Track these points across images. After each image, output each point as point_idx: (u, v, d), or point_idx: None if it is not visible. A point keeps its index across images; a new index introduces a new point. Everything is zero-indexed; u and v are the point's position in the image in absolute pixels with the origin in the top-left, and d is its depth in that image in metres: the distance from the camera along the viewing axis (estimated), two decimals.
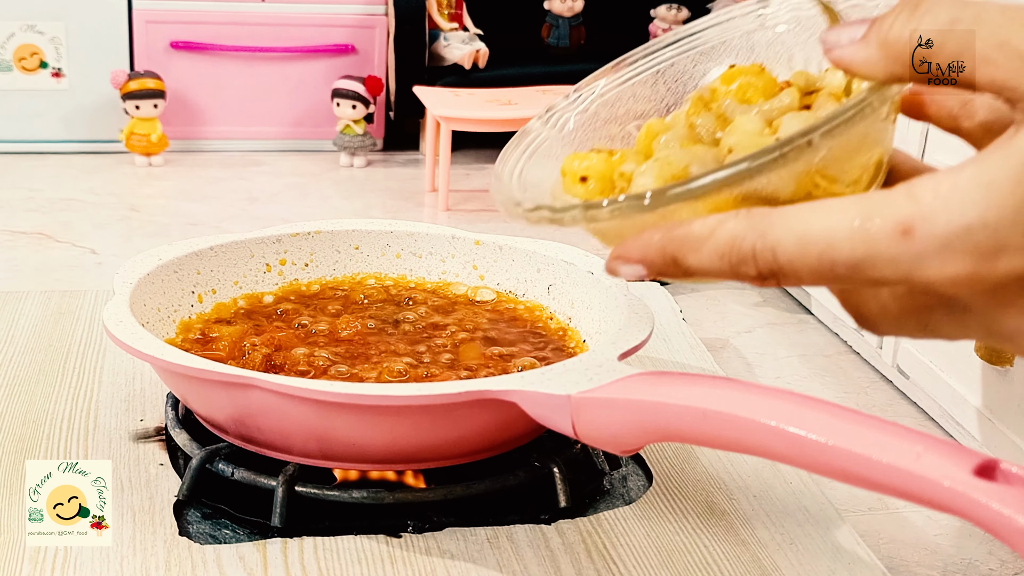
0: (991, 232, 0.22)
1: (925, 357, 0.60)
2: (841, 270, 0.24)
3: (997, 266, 0.23)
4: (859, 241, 0.24)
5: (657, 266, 0.28)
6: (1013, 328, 0.24)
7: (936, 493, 0.26)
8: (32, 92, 1.28)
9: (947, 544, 0.49)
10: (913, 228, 0.23)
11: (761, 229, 0.25)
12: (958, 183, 0.23)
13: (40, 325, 0.59)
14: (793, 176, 0.27)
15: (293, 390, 0.39)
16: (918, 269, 0.23)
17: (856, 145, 0.28)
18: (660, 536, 0.42)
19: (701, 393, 0.33)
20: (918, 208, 0.23)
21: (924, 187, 0.23)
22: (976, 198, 0.22)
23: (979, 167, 0.23)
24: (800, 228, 0.24)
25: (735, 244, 0.25)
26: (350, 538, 0.41)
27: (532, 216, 0.32)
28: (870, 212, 0.24)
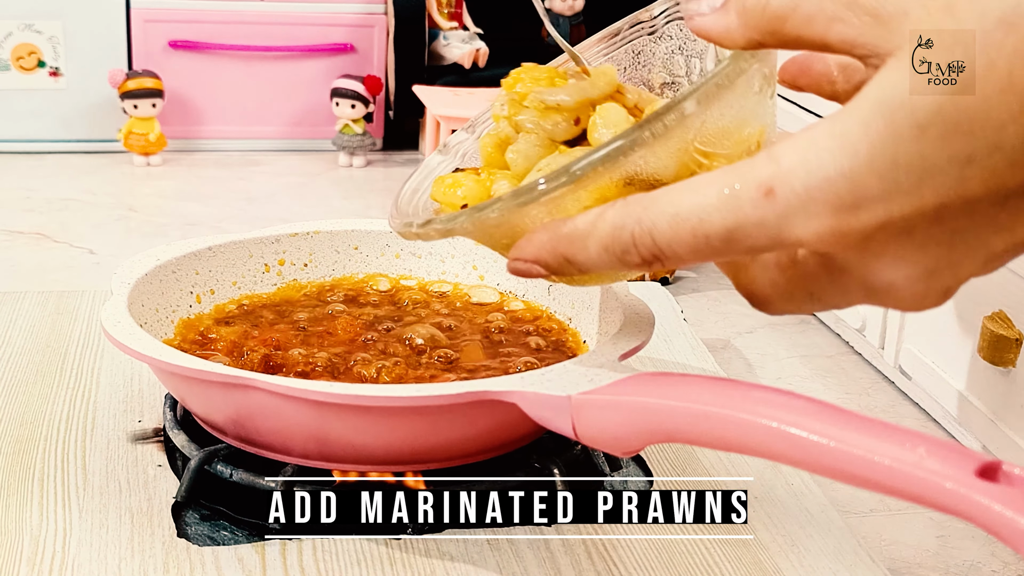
0: (848, 181, 0.22)
1: (927, 358, 0.60)
2: (716, 243, 0.24)
3: (860, 216, 0.23)
4: (727, 210, 0.24)
5: (552, 266, 0.28)
6: (888, 281, 0.24)
7: (938, 494, 0.26)
8: (29, 91, 1.27)
9: (949, 546, 0.49)
10: (774, 188, 0.23)
11: (636, 215, 0.25)
12: (814, 138, 0.23)
13: (37, 325, 0.59)
14: (672, 153, 0.27)
15: (292, 391, 0.39)
16: (786, 229, 0.23)
17: (731, 118, 0.28)
18: (661, 539, 0.42)
19: (702, 394, 0.33)
20: (777, 167, 0.23)
21: (783, 147, 0.23)
22: (831, 148, 0.22)
23: (832, 120, 0.23)
24: (672, 208, 0.25)
25: (615, 234, 0.26)
26: (349, 539, 0.40)
27: (423, 231, 0.32)
28: (734, 180, 0.24)
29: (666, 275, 0.83)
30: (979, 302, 0.55)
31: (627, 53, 0.37)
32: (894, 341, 0.64)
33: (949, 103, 0.21)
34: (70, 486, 0.43)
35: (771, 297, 0.28)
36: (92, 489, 0.43)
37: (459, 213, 0.30)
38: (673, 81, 0.36)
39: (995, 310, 0.53)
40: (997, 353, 0.51)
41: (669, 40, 0.35)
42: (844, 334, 0.73)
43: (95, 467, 0.45)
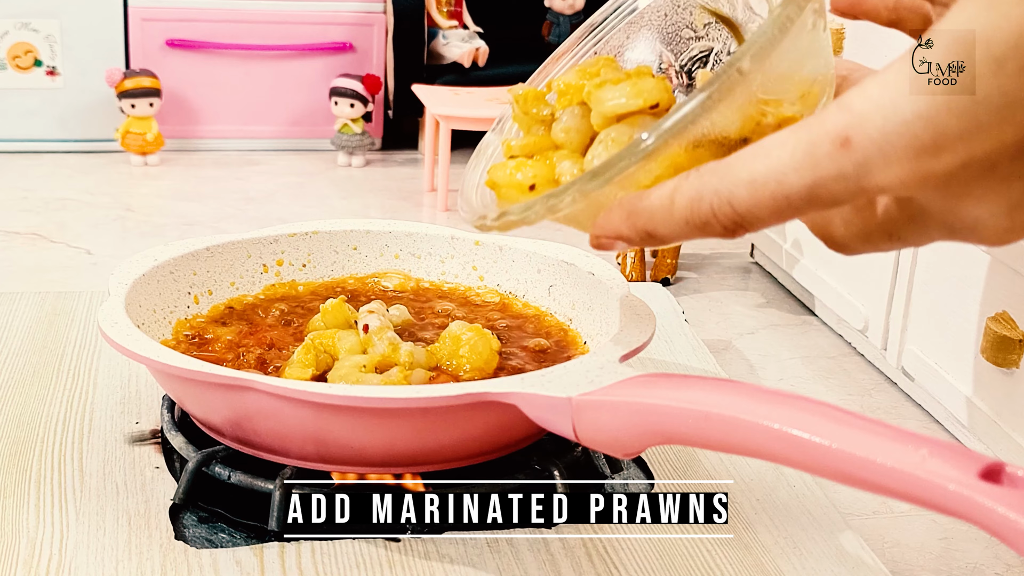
0: (926, 123, 0.22)
1: (930, 359, 0.60)
2: (797, 202, 0.24)
3: (941, 157, 0.22)
4: (804, 168, 0.23)
5: (635, 240, 0.28)
6: (972, 219, 0.24)
7: (941, 497, 0.26)
8: (26, 91, 1.27)
9: (952, 548, 0.48)
10: (850, 137, 0.23)
11: (713, 186, 0.25)
12: (887, 82, 0.22)
13: (34, 326, 0.59)
14: (736, 109, 0.27)
15: (290, 392, 0.39)
16: (866, 177, 0.23)
17: (790, 63, 0.27)
18: (661, 539, 0.42)
19: (703, 395, 0.33)
20: (851, 116, 0.23)
21: (854, 94, 0.23)
22: (906, 91, 0.22)
23: (904, 61, 0.22)
24: (747, 175, 0.24)
25: (694, 207, 0.25)
26: (348, 542, 0.40)
27: (501, 223, 0.32)
28: (807, 136, 0.23)
29: (667, 275, 0.83)
30: (982, 303, 0.55)
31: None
32: (896, 342, 0.64)
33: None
34: (67, 488, 0.43)
35: (848, 239, 0.27)
36: (89, 491, 0.43)
37: (534, 201, 0.30)
38: (715, 21, 0.35)
39: (999, 311, 0.53)
40: (1000, 354, 0.51)
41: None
42: (846, 335, 0.73)
43: (92, 469, 0.45)
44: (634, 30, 0.37)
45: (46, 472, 0.44)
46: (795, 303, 0.80)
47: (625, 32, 0.37)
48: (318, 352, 0.44)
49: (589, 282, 0.52)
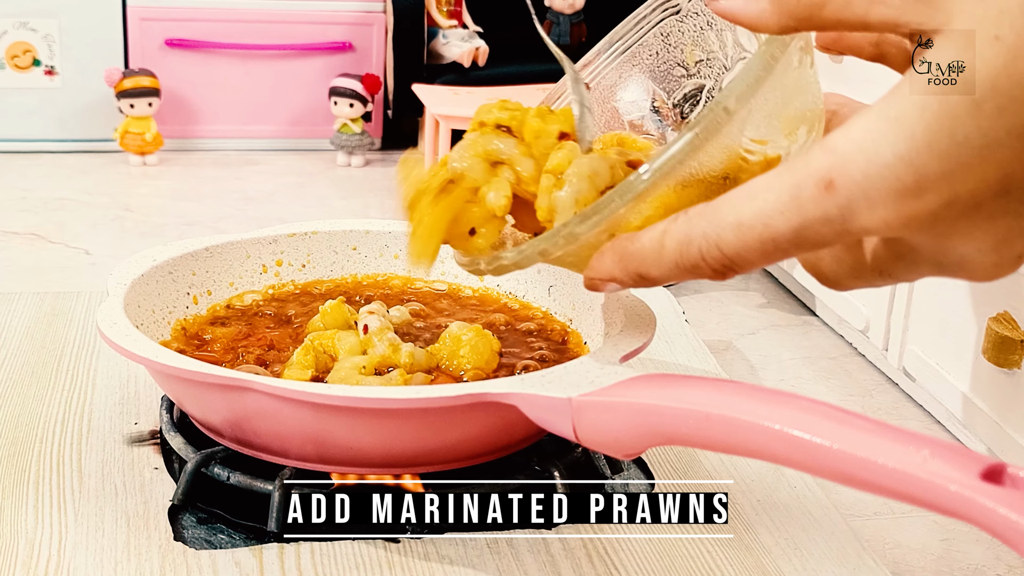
0: (908, 165, 0.22)
1: (931, 359, 0.60)
2: (785, 244, 0.24)
3: (924, 198, 0.22)
4: (790, 211, 0.23)
5: (627, 282, 0.29)
6: (960, 256, 0.24)
7: (942, 497, 0.26)
8: (25, 90, 1.27)
9: (953, 549, 0.48)
10: (834, 180, 0.23)
11: (701, 229, 0.25)
12: (868, 124, 0.22)
13: (33, 327, 0.59)
14: (723, 149, 0.27)
15: (289, 393, 0.38)
16: (851, 220, 0.23)
17: (776, 100, 0.27)
18: (662, 541, 0.41)
19: (704, 396, 0.32)
20: (835, 158, 0.23)
21: (838, 136, 0.23)
22: (887, 133, 0.22)
23: (885, 103, 0.22)
24: (734, 218, 0.24)
25: (683, 251, 0.26)
26: (347, 543, 0.40)
27: (493, 268, 0.33)
28: (791, 179, 0.23)
29: None
30: (984, 303, 0.55)
31: (655, 37, 0.37)
32: (898, 343, 0.63)
33: (1003, 76, 0.21)
34: (65, 489, 0.43)
35: (839, 276, 0.28)
36: (88, 492, 0.43)
37: (526, 246, 0.31)
38: (708, 58, 0.36)
39: (1000, 311, 0.52)
40: (1002, 354, 0.51)
41: (696, 17, 0.35)
42: (847, 335, 0.73)
43: (91, 470, 0.45)
44: (626, 69, 0.37)
45: (45, 473, 0.44)
46: (796, 303, 0.80)
47: (617, 71, 0.38)
48: (317, 353, 0.44)
49: None
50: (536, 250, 0.30)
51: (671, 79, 0.37)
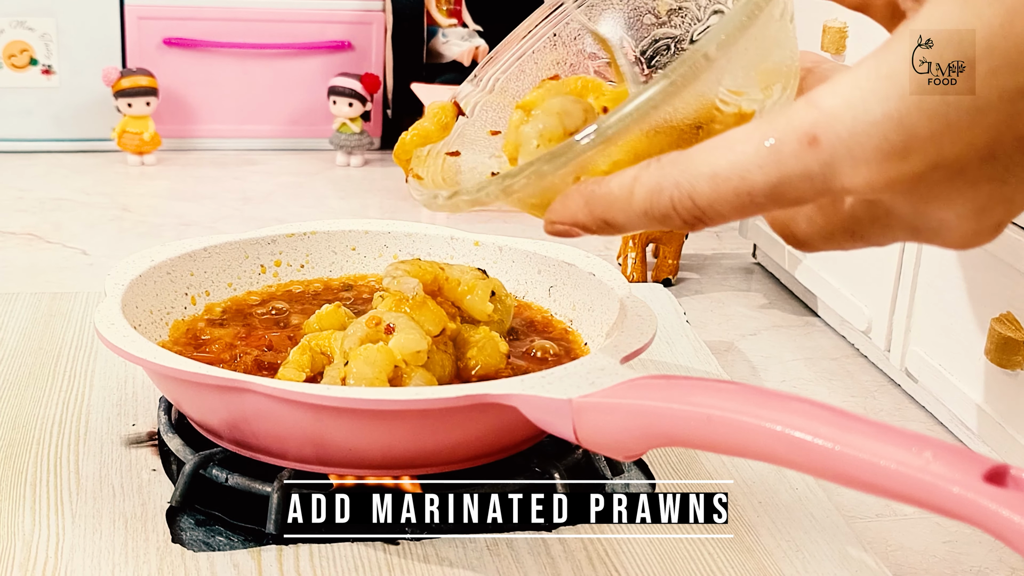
0: (897, 124, 0.21)
1: (934, 360, 0.60)
2: (760, 199, 0.23)
3: (910, 160, 0.22)
4: (769, 165, 0.23)
5: (590, 227, 0.27)
6: (938, 221, 0.23)
7: (945, 499, 0.26)
8: (22, 90, 1.26)
9: (957, 551, 0.48)
10: (817, 136, 0.22)
11: (674, 178, 0.24)
12: (857, 80, 0.22)
13: (30, 327, 0.58)
14: (698, 96, 0.27)
15: (288, 394, 0.38)
16: (833, 178, 0.22)
17: (756, 51, 0.27)
18: (663, 543, 0.41)
19: (705, 397, 0.32)
20: (820, 113, 0.22)
21: (824, 91, 0.22)
22: (877, 90, 0.21)
23: (877, 59, 0.22)
24: (709, 168, 0.24)
25: (653, 199, 0.25)
26: (346, 545, 0.40)
27: (450, 203, 0.31)
28: (773, 132, 0.23)
29: (668, 276, 0.83)
30: (987, 304, 0.55)
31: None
32: (900, 343, 0.63)
33: (999, 36, 0.20)
34: (63, 491, 0.43)
35: (810, 237, 0.27)
36: (85, 494, 0.43)
37: (488, 182, 0.30)
38: (680, 7, 0.35)
39: (1003, 311, 0.52)
40: (1005, 355, 0.50)
41: None
42: (849, 336, 0.73)
43: (88, 471, 0.44)
44: (596, 13, 0.37)
45: (42, 474, 0.44)
46: (798, 304, 0.80)
47: (586, 14, 0.37)
48: (314, 353, 0.44)
49: (590, 283, 0.51)
50: (499, 187, 0.29)
51: (641, 26, 0.36)
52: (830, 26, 0.71)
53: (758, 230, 0.84)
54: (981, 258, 0.55)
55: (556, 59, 0.38)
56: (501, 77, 0.38)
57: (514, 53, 0.38)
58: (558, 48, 0.37)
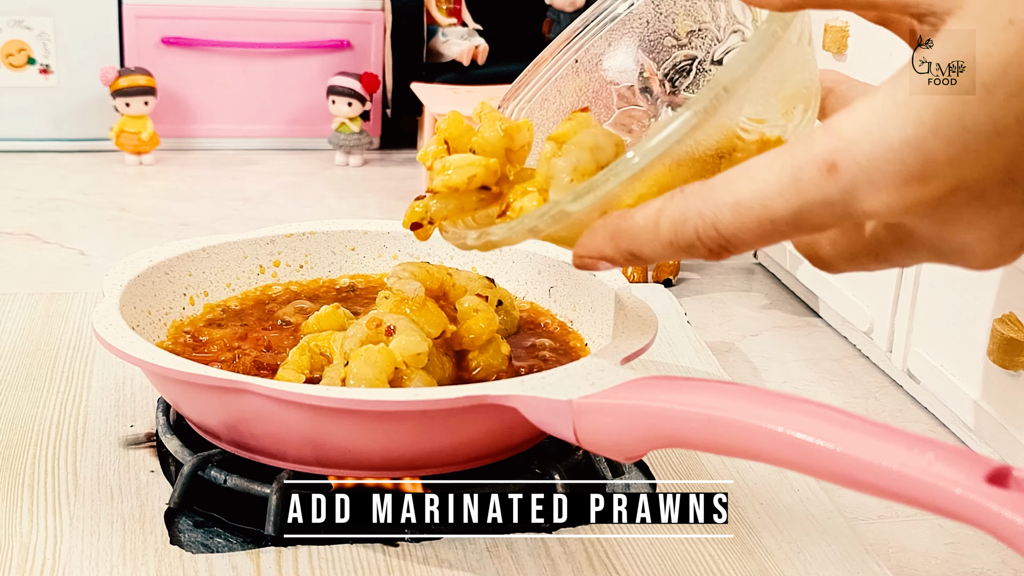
0: (914, 150, 0.21)
1: (936, 361, 0.59)
2: (783, 227, 0.24)
3: (929, 184, 0.22)
4: (790, 193, 0.23)
5: (618, 261, 0.28)
6: (961, 244, 0.24)
7: (947, 501, 0.26)
8: (19, 89, 1.26)
9: (959, 553, 0.48)
10: (836, 163, 0.22)
11: (698, 208, 0.25)
12: (874, 107, 0.22)
13: (28, 328, 0.58)
14: (720, 128, 0.27)
15: (287, 395, 0.38)
16: (853, 204, 0.22)
17: (775, 79, 0.27)
18: (664, 545, 0.41)
19: (706, 398, 0.32)
20: (838, 141, 0.22)
21: (842, 118, 0.22)
22: (894, 117, 0.21)
23: (893, 86, 0.22)
24: (732, 198, 0.24)
25: (678, 230, 0.25)
26: (346, 547, 0.40)
27: (480, 244, 0.32)
28: (792, 160, 0.23)
29: (669, 276, 0.82)
30: (990, 304, 0.54)
31: (646, 5, 0.36)
32: (902, 344, 0.63)
33: (1016, 61, 0.20)
34: (61, 492, 0.42)
35: (833, 258, 0.27)
36: (83, 495, 0.42)
37: (516, 223, 0.30)
38: (700, 28, 0.35)
39: (1005, 312, 0.52)
40: (1007, 356, 0.50)
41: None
42: (851, 337, 0.73)
43: (86, 473, 0.44)
44: (615, 38, 0.37)
45: (39, 476, 0.44)
46: (799, 304, 0.80)
47: (606, 40, 0.37)
48: (313, 354, 0.44)
49: (590, 283, 0.51)
50: (526, 227, 0.30)
51: (661, 49, 0.36)
52: (832, 26, 0.71)
53: None
54: None
55: (579, 86, 0.38)
56: (526, 107, 0.38)
57: (536, 82, 0.38)
58: (580, 75, 0.37)
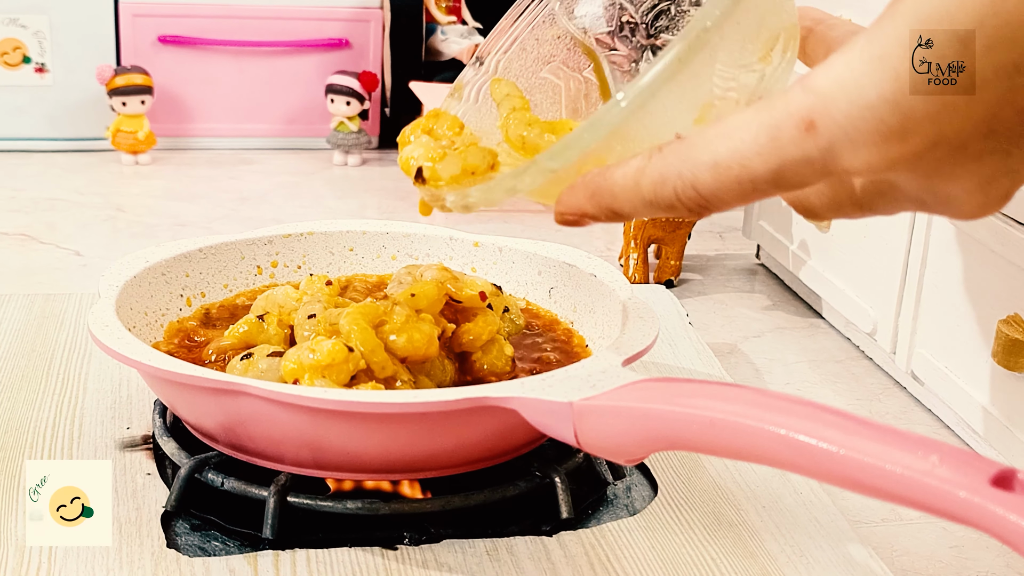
0: (892, 106, 0.21)
1: (940, 363, 0.59)
2: (763, 185, 0.23)
3: (908, 140, 0.21)
4: (768, 152, 0.23)
5: (599, 217, 0.28)
6: (945, 195, 0.23)
7: (952, 504, 0.26)
8: (14, 88, 1.25)
9: (963, 556, 0.48)
10: (814, 121, 0.22)
11: (676, 168, 0.24)
12: (850, 62, 0.22)
13: (23, 329, 0.58)
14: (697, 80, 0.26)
15: (285, 397, 0.38)
16: (832, 161, 0.22)
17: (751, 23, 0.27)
18: (665, 548, 0.41)
19: (708, 400, 0.32)
20: (815, 98, 0.22)
21: (818, 75, 0.22)
22: (870, 73, 0.21)
23: (868, 40, 0.22)
24: (710, 157, 0.24)
25: (658, 190, 0.25)
26: (344, 550, 0.39)
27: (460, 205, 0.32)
28: (770, 119, 0.23)
29: (671, 277, 0.82)
30: (994, 305, 0.54)
31: None
32: (906, 345, 0.63)
33: (990, 13, 0.20)
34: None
35: (818, 208, 0.27)
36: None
37: (494, 183, 0.30)
38: None
39: (1010, 313, 0.52)
40: (1012, 358, 0.50)
41: None
42: (854, 338, 0.72)
43: None
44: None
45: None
46: (802, 305, 0.79)
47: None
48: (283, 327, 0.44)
49: (591, 284, 0.51)
50: (504, 187, 0.29)
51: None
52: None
53: (762, 231, 0.84)
54: (988, 259, 0.55)
55: (556, 34, 0.37)
56: (503, 58, 0.38)
57: (513, 31, 0.38)
58: (558, 23, 0.37)
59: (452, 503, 0.41)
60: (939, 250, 0.60)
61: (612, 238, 0.92)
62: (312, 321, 0.42)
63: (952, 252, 0.59)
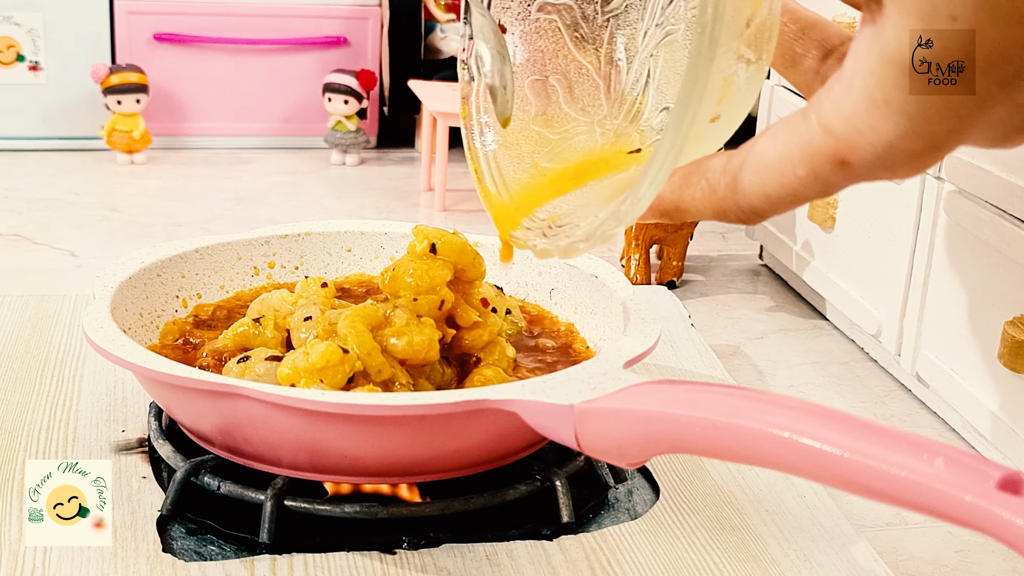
0: (915, 137, 0.23)
1: (946, 365, 0.59)
2: (813, 199, 0.26)
3: (942, 151, 0.23)
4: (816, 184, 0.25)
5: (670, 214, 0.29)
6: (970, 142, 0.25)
7: (957, 508, 0.25)
8: (8, 86, 1.25)
9: (968, 561, 0.47)
10: (845, 159, 0.24)
11: (735, 202, 0.26)
12: (856, 106, 0.23)
13: (17, 331, 0.57)
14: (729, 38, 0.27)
15: (282, 399, 0.37)
16: (876, 178, 0.24)
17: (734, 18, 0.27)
18: (667, 553, 0.40)
19: (711, 403, 0.32)
20: (839, 142, 0.24)
21: (831, 116, 0.24)
22: (882, 118, 0.23)
23: (865, 81, 0.23)
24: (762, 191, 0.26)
25: (719, 218, 0.27)
26: (342, 555, 0.39)
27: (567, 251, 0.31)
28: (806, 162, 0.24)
29: (673, 278, 0.82)
30: (1000, 307, 0.54)
31: None
32: (911, 348, 0.62)
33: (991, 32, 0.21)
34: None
35: None
36: None
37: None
38: None
39: (1016, 315, 0.52)
40: (1018, 360, 0.50)
41: None
42: (859, 340, 0.72)
43: None
44: None
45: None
46: (806, 307, 0.79)
47: None
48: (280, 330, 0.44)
49: (592, 285, 0.50)
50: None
51: None
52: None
53: (765, 231, 0.83)
54: (994, 260, 0.55)
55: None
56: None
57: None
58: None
59: (451, 507, 0.40)
60: (944, 251, 0.59)
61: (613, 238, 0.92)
62: (308, 323, 0.42)
63: (958, 253, 0.58)
